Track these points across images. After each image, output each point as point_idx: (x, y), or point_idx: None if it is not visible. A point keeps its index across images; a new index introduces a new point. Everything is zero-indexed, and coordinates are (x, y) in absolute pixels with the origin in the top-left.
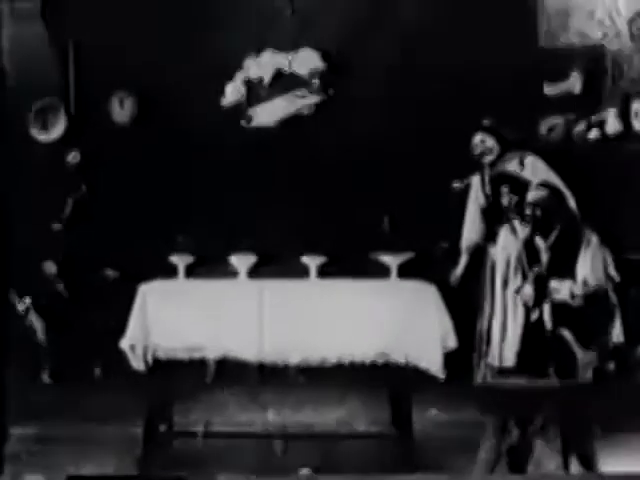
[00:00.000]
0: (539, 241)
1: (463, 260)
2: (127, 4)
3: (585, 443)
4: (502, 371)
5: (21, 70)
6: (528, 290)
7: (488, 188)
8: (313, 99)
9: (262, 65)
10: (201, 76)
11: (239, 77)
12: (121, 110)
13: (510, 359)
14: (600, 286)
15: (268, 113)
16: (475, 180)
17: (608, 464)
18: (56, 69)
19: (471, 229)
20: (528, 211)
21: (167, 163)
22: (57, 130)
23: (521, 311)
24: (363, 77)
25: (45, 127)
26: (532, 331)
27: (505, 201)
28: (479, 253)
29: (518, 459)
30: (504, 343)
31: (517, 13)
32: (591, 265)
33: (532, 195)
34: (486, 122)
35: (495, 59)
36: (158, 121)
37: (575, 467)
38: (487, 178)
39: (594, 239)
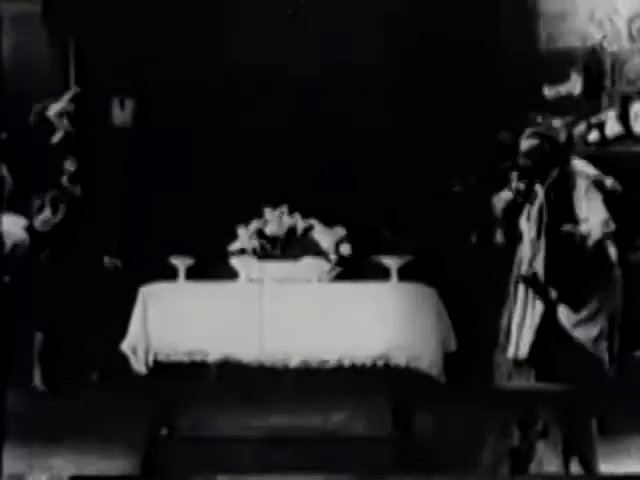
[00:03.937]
0: (537, 188)
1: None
2: (128, 7)
3: (585, 445)
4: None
5: (22, 72)
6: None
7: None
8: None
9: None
10: (203, 79)
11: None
12: (122, 112)
13: (524, 354)
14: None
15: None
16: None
17: (608, 465)
18: (57, 71)
19: None
20: (521, 161)
21: (168, 165)
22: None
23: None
24: None
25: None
26: (539, 333)
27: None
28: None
29: (520, 460)
30: (520, 338)
31: (516, 16)
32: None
33: (524, 144)
34: (539, 118)
35: (494, 61)
36: (159, 123)
37: (575, 468)
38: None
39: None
